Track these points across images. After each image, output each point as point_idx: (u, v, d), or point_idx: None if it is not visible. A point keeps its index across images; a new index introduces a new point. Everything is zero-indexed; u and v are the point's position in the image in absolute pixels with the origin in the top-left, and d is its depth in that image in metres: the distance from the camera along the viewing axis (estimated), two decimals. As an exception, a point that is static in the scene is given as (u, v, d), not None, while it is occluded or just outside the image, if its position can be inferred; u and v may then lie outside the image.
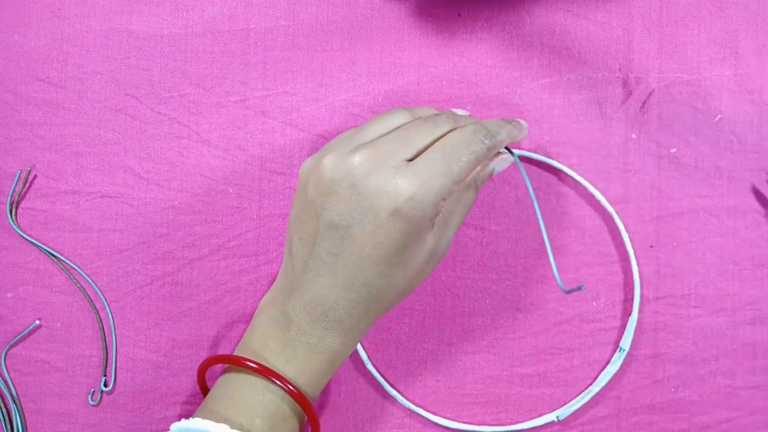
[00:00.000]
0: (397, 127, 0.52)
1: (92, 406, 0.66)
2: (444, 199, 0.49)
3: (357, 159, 0.48)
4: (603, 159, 0.65)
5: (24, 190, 0.66)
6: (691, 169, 0.65)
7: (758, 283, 0.65)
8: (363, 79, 0.66)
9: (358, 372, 0.66)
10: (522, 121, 0.58)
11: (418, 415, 0.65)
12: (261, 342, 0.53)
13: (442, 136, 0.51)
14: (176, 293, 0.66)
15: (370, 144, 0.49)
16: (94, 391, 0.66)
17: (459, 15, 0.66)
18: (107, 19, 0.67)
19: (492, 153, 0.52)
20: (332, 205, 0.48)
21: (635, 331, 0.64)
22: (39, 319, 0.66)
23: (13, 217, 0.66)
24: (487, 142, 0.51)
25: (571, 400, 0.65)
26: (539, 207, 0.56)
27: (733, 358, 0.64)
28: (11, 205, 0.66)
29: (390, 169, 0.47)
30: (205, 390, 0.59)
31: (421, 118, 0.53)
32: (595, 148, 0.65)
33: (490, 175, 0.57)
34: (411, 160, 0.49)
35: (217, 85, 0.66)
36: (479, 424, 0.65)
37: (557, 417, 0.64)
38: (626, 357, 0.64)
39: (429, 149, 0.49)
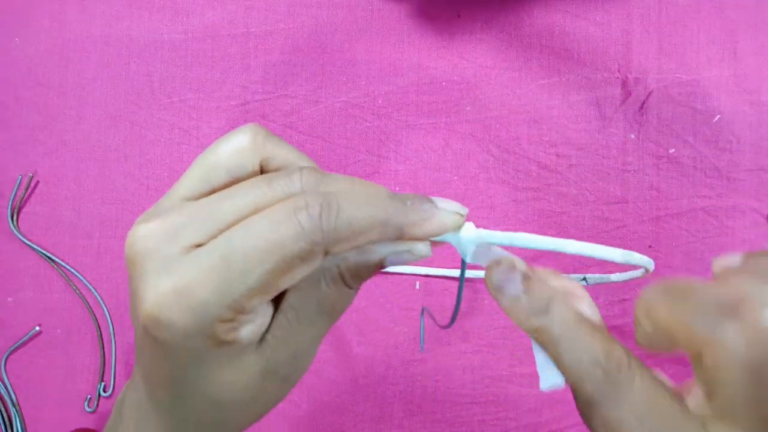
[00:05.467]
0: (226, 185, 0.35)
1: (89, 412, 0.66)
2: (227, 320, 0.31)
3: (138, 231, 0.33)
4: (602, 159, 0.65)
5: (25, 195, 0.66)
6: (690, 169, 0.65)
7: (757, 283, 0.65)
8: (362, 80, 0.66)
9: (358, 372, 0.66)
10: (439, 205, 0.34)
11: (419, 415, 0.65)
12: None
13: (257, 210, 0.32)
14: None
15: (165, 208, 0.34)
16: (90, 398, 0.66)
17: (458, 16, 0.66)
18: (108, 25, 0.67)
19: (324, 248, 0.31)
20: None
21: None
22: (39, 325, 0.66)
23: (15, 222, 0.66)
24: (310, 233, 0.30)
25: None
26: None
27: (731, 358, 0.65)
28: (12, 210, 0.66)
29: (161, 258, 0.32)
30: None
31: (259, 178, 0.34)
32: (594, 148, 0.65)
33: (377, 268, 0.35)
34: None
35: (218, 89, 0.66)
36: (478, 424, 0.65)
37: (585, 279, 0.59)
38: None
39: (222, 234, 0.31)
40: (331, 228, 0.31)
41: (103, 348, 0.66)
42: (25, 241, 0.66)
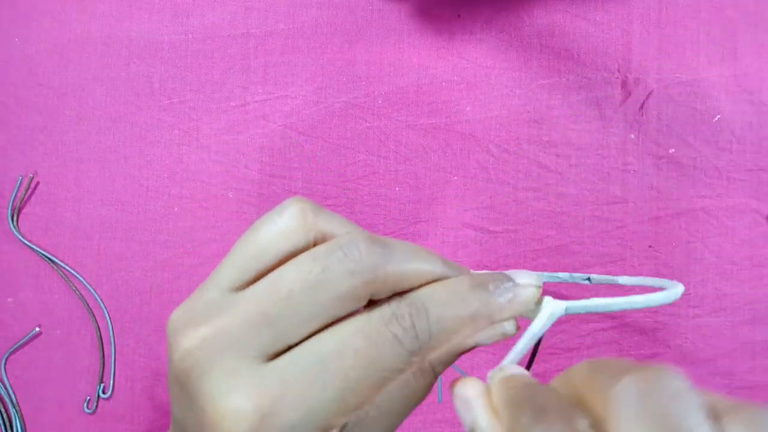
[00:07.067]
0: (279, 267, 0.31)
1: (89, 414, 0.66)
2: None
3: (186, 342, 0.30)
4: (602, 159, 0.65)
5: (26, 196, 0.66)
6: (690, 169, 0.65)
7: (757, 283, 0.65)
8: (362, 81, 0.66)
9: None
10: (522, 274, 0.34)
11: (419, 415, 0.65)
12: None
13: (336, 321, 0.30)
14: (176, 300, 0.66)
15: (209, 305, 0.31)
16: (89, 399, 0.66)
17: (458, 16, 0.66)
18: (108, 26, 0.67)
19: (424, 358, 0.30)
20: (169, 386, 0.33)
21: (635, 331, 0.64)
22: (39, 326, 0.66)
23: (15, 223, 0.66)
24: (409, 345, 0.29)
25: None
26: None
27: (731, 358, 0.65)
28: (13, 210, 0.66)
29: (229, 371, 0.29)
30: None
31: (324, 246, 0.31)
32: (594, 148, 0.65)
33: (464, 351, 0.33)
34: (277, 354, 0.30)
35: (218, 90, 0.66)
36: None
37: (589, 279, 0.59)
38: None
39: (303, 345, 0.29)
40: (426, 337, 0.30)
41: (103, 349, 0.66)
42: (25, 241, 0.66)
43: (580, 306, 0.34)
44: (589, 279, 0.50)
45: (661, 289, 0.39)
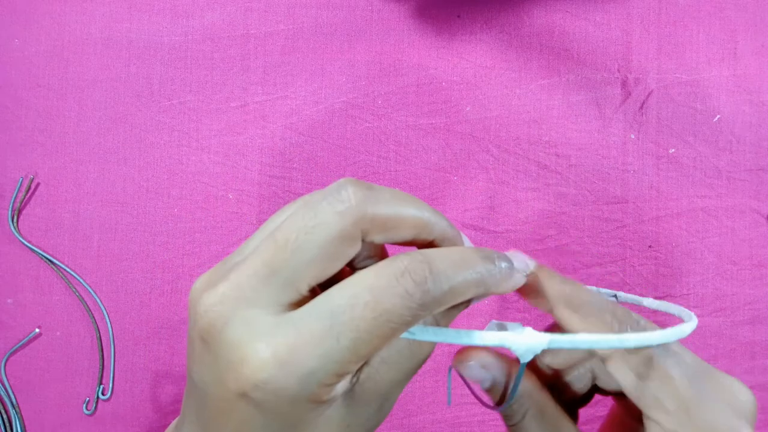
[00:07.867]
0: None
1: (88, 415, 0.66)
2: (331, 384, 0.31)
3: (208, 299, 0.32)
4: (602, 159, 0.65)
5: (26, 197, 0.66)
6: (690, 169, 0.65)
7: (757, 283, 0.65)
8: (362, 81, 0.66)
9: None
10: (518, 257, 0.37)
11: (419, 415, 0.65)
12: None
13: (348, 274, 0.32)
14: (176, 302, 0.66)
15: (237, 267, 0.32)
16: (89, 400, 0.66)
17: (458, 17, 0.66)
18: (107, 27, 0.67)
19: (430, 313, 0.31)
20: (189, 353, 0.34)
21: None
22: (39, 327, 0.66)
23: (15, 224, 0.66)
24: (419, 299, 0.30)
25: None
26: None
27: (731, 358, 0.65)
28: (13, 211, 0.66)
29: (246, 323, 0.31)
30: None
31: (316, 194, 0.34)
32: (594, 148, 0.65)
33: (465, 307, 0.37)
34: (295, 304, 0.32)
35: (218, 91, 0.66)
36: (478, 424, 0.65)
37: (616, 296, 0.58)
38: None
39: (318, 297, 0.31)
40: (438, 293, 0.31)
41: (102, 350, 0.66)
42: (25, 242, 0.66)
43: (564, 341, 0.33)
44: (615, 296, 0.50)
45: (669, 324, 0.38)
